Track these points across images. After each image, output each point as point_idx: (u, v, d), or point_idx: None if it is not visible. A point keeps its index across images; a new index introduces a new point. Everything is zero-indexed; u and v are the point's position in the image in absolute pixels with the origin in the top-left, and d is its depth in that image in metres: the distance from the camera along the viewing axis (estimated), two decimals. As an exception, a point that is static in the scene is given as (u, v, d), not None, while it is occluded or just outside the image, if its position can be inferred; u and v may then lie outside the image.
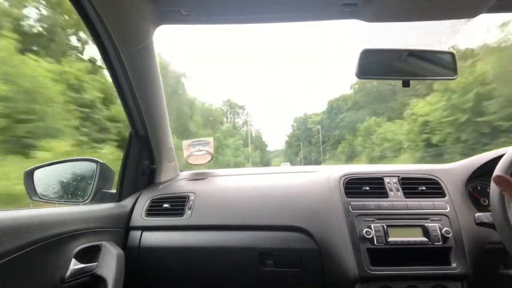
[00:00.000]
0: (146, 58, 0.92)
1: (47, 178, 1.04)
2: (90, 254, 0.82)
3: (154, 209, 1.04)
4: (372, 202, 0.92)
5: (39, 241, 0.67)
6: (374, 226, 0.86)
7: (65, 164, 1.10)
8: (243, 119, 48.79)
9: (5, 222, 0.61)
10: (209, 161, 1.28)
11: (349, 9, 0.77)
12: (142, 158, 1.14)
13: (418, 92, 16.50)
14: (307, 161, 44.63)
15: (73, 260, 0.76)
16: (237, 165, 21.18)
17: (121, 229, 0.99)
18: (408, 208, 0.91)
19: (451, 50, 0.88)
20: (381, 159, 18.02)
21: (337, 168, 1.14)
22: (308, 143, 47.26)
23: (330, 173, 1.04)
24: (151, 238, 0.99)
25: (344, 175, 1.00)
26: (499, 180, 0.67)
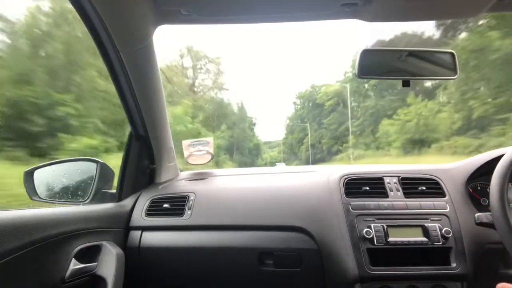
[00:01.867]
0: (146, 58, 0.92)
1: (47, 178, 1.04)
2: (90, 254, 0.82)
3: (154, 209, 1.04)
4: (372, 202, 0.92)
5: (39, 241, 0.67)
6: (374, 226, 0.86)
7: (65, 164, 1.10)
8: (214, 79, 29.23)
9: (5, 222, 0.61)
10: (209, 161, 1.28)
11: (349, 9, 0.77)
12: (142, 158, 1.14)
13: None
14: (317, 151, 30.54)
15: (73, 260, 0.76)
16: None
17: (121, 229, 0.99)
18: (408, 208, 0.91)
19: (451, 50, 0.88)
20: None
21: (337, 168, 1.14)
22: (318, 126, 32.13)
23: (330, 173, 1.04)
24: (151, 238, 0.99)
25: (344, 175, 1.00)
26: None
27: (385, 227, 0.86)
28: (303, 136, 35.47)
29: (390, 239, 0.84)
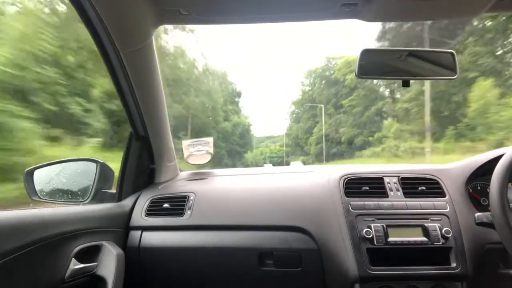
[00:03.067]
0: (146, 57, 0.92)
1: (47, 178, 1.04)
2: (90, 254, 0.82)
3: (154, 209, 1.04)
4: (372, 202, 0.92)
5: (39, 241, 0.67)
6: (374, 226, 0.86)
7: (65, 164, 1.10)
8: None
9: (5, 222, 0.61)
10: (209, 161, 1.28)
11: (349, 9, 0.77)
12: (142, 158, 1.14)
13: None
14: (333, 144, 21.61)
15: (73, 260, 0.76)
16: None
17: (121, 229, 0.99)
18: (408, 208, 0.91)
19: (451, 50, 0.88)
20: None
21: (337, 168, 1.14)
22: (334, 109, 23.29)
23: (329, 173, 1.04)
24: (151, 238, 0.99)
25: (344, 175, 1.00)
26: None
27: (385, 227, 0.86)
28: (313, 125, 26.33)
29: (390, 239, 0.84)
